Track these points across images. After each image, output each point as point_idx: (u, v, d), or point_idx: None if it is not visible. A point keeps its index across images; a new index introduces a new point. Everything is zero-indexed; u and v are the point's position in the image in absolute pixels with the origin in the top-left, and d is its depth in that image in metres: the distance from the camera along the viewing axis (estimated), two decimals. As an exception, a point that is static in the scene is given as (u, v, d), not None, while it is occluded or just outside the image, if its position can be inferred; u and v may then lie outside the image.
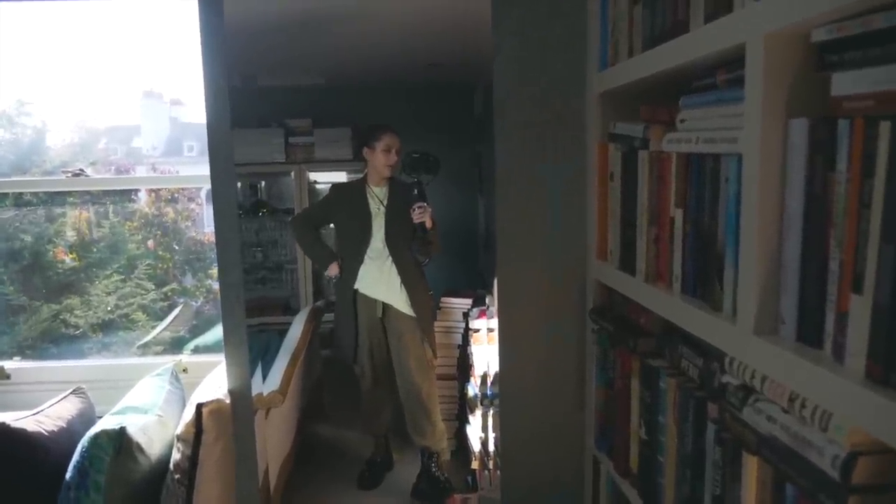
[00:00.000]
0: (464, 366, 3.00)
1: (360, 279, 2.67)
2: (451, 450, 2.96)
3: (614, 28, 1.37)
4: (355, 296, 2.69)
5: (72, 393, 2.04)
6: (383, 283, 2.66)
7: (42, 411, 1.89)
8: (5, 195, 3.12)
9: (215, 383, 1.78)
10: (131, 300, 3.63)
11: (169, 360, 2.44)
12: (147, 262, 3.69)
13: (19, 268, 3.34)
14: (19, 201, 3.27)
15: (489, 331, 2.75)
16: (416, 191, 2.61)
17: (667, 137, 1.14)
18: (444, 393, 3.00)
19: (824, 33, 0.77)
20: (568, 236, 1.56)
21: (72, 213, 3.48)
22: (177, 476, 1.65)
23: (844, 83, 0.74)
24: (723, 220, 0.97)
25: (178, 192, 3.81)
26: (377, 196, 2.68)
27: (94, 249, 3.54)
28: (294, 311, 3.65)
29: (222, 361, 1.69)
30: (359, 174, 2.75)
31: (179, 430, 1.67)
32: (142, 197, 3.76)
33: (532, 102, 1.51)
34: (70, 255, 3.48)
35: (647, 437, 1.26)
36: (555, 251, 1.57)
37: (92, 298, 3.54)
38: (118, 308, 3.58)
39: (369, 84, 3.62)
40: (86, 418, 1.97)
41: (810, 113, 0.79)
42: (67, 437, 1.81)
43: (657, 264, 1.21)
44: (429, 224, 2.59)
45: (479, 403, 2.61)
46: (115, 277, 3.60)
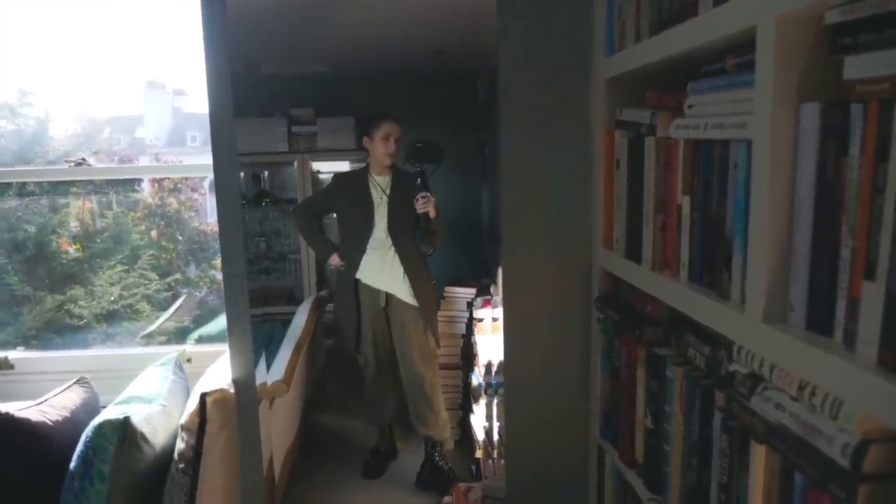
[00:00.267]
0: (467, 355, 3.00)
1: (361, 269, 2.66)
2: (454, 439, 2.97)
3: (621, 12, 1.35)
4: (357, 285, 2.68)
5: (76, 383, 2.04)
6: (386, 272, 2.65)
7: (46, 401, 1.89)
8: (9, 185, 3.11)
9: (219, 373, 1.78)
10: (135, 290, 3.64)
11: (173, 350, 2.44)
12: (150, 253, 3.70)
13: (23, 258, 3.34)
14: (22, 191, 3.27)
15: (493, 320, 2.74)
16: (419, 180, 2.59)
17: (674, 123, 1.12)
18: (448, 382, 3.00)
19: (837, 15, 0.75)
20: (573, 224, 1.55)
21: (75, 203, 3.48)
22: (181, 466, 1.66)
23: (858, 66, 0.73)
24: (731, 206, 0.96)
25: (181, 182, 3.81)
26: (380, 185, 2.66)
27: (98, 240, 3.55)
28: (298, 301, 3.65)
29: (226, 351, 1.69)
30: (362, 163, 2.74)
31: (184, 420, 1.67)
32: (145, 187, 3.75)
33: (537, 87, 1.50)
34: (74, 246, 3.48)
35: (653, 426, 1.25)
36: (560, 239, 1.55)
37: (96, 289, 3.54)
38: (122, 298, 3.59)
39: (372, 72, 3.60)
40: (90, 408, 1.97)
41: (822, 97, 0.78)
42: (71, 426, 1.81)
43: (664, 252, 1.20)
44: (432, 214, 2.57)
45: (483, 392, 2.61)
46: (119, 268, 3.61)
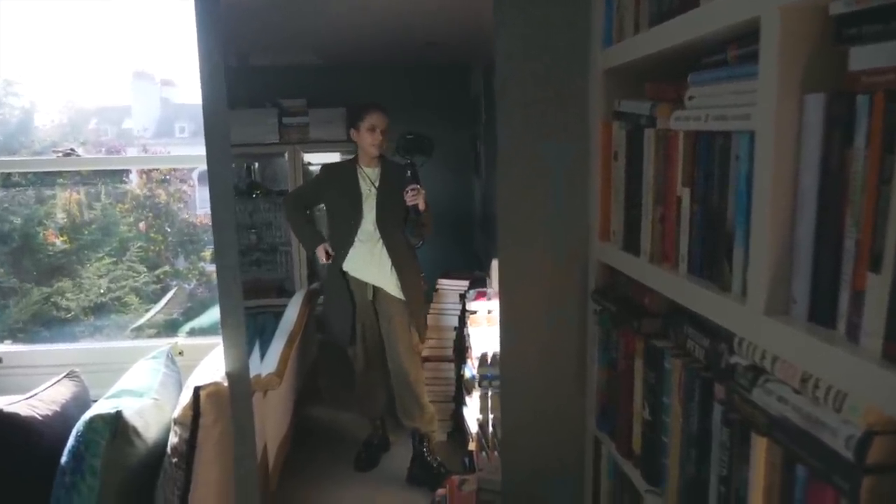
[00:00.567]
0: (460, 348, 3.00)
1: (348, 261, 2.63)
2: (446, 431, 2.97)
3: (619, 3, 1.34)
4: (346, 277, 2.66)
5: (66, 376, 2.02)
6: (374, 265, 2.63)
7: (35, 395, 1.86)
8: (-6, 176, 3.07)
9: (212, 366, 1.76)
10: (123, 283, 3.60)
11: (164, 343, 2.41)
12: (139, 245, 3.66)
13: (9, 250, 3.30)
14: (7, 182, 3.22)
15: (488, 312, 2.73)
16: (409, 172, 2.57)
17: (674, 115, 1.12)
18: (441, 375, 3.00)
19: (842, 6, 0.75)
20: (570, 216, 1.54)
21: (62, 194, 3.43)
22: (174, 460, 1.64)
23: (863, 57, 0.73)
24: (732, 198, 0.96)
25: (169, 173, 3.77)
26: (368, 177, 2.63)
27: (86, 231, 3.51)
28: (289, 294, 3.63)
29: (219, 344, 1.67)
30: (353, 154, 2.72)
31: (177, 414, 1.65)
32: (133, 178, 3.71)
33: (534, 80, 1.49)
34: (61, 238, 3.44)
35: (651, 418, 1.25)
36: (557, 231, 1.55)
37: (83, 281, 3.51)
38: (110, 291, 3.55)
39: (365, 64, 3.57)
40: (80, 402, 1.95)
41: (826, 88, 0.78)
42: (62, 421, 1.79)
43: (663, 244, 1.19)
44: (422, 206, 2.55)
45: (476, 385, 2.60)
46: (107, 260, 3.57)
